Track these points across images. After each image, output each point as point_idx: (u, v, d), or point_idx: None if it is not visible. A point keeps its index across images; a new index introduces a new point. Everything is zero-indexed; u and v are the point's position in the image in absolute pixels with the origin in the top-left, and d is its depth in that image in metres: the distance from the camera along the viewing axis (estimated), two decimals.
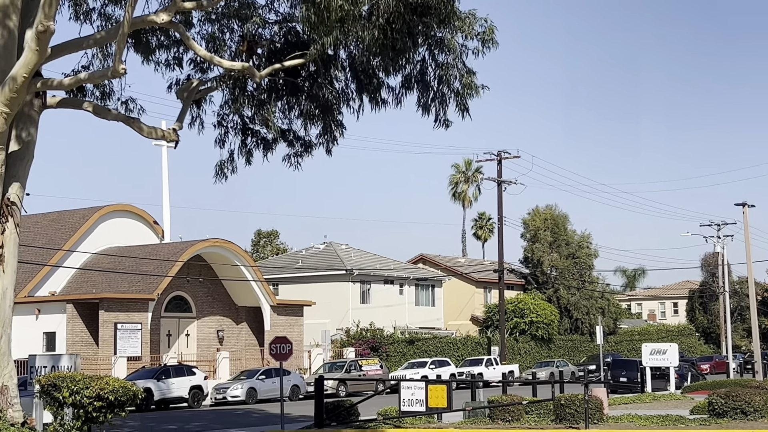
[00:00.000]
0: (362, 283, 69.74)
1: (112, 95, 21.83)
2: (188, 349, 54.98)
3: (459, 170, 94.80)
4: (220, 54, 21.24)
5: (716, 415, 27.18)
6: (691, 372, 52.48)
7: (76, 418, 17.47)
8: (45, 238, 53.91)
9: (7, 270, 17.58)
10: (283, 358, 29.91)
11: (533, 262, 79.56)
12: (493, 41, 19.92)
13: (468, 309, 79.66)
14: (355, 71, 21.11)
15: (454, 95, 20.55)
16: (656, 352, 44.23)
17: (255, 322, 58.03)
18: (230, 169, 22.63)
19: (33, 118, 18.46)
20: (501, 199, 64.87)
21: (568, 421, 26.56)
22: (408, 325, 70.90)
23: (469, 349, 68.43)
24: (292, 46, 21.02)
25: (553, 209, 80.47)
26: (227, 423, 33.60)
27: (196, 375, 45.47)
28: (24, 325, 47.58)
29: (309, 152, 23.01)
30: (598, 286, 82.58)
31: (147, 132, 19.93)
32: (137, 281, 51.28)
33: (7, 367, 17.39)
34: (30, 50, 16.44)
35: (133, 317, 50.11)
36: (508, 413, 27.98)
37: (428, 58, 20.51)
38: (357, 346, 62.32)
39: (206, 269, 55.72)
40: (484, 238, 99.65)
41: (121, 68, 17.03)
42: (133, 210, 57.85)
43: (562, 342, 76.49)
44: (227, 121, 22.79)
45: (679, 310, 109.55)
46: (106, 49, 21.12)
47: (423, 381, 29.64)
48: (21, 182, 18.12)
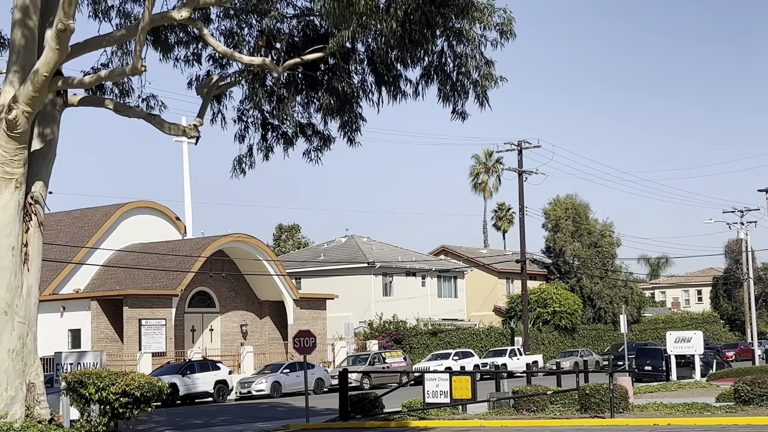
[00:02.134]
0: (384, 276, 69.76)
1: (132, 92, 21.92)
2: (212, 344, 55.19)
3: (479, 161, 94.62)
4: (238, 49, 21.27)
5: (742, 403, 27.03)
6: (716, 359, 52.25)
7: (103, 414, 17.61)
8: (68, 235, 54.21)
9: (31, 268, 17.69)
10: (306, 351, 29.99)
11: (555, 252, 79.34)
12: (512, 32, 19.84)
13: (490, 300, 79.56)
14: (374, 64, 21.08)
15: (472, 86, 20.49)
16: (681, 340, 44.07)
17: (278, 316, 58.17)
18: (248, 164, 22.66)
19: (54, 117, 18.56)
20: (522, 189, 64.71)
21: (593, 411, 26.49)
22: (431, 316, 70.89)
23: (492, 339, 68.33)
24: (310, 40, 21.00)
25: (574, 198, 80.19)
26: (253, 417, 33.72)
27: (221, 370, 45.64)
28: (49, 323, 47.93)
29: (328, 146, 23.00)
30: (621, 274, 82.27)
31: (168, 129, 19.99)
32: (160, 277, 51.50)
33: (34, 364, 17.51)
34: (50, 49, 16.51)
35: (157, 313, 50.33)
36: (532, 403, 27.94)
37: (446, 49, 20.44)
38: (380, 339, 62.37)
39: (229, 264, 55.89)
40: (504, 228, 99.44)
41: (141, 65, 17.09)
42: (155, 206, 58.06)
43: (586, 331, 76.26)
44: (247, 116, 22.82)
45: (703, 297, 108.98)
46: (125, 46, 21.20)
47: (447, 372, 29.68)
48: (44, 181, 18.23)
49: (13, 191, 17.39)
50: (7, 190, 17.34)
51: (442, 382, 27.96)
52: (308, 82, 21.78)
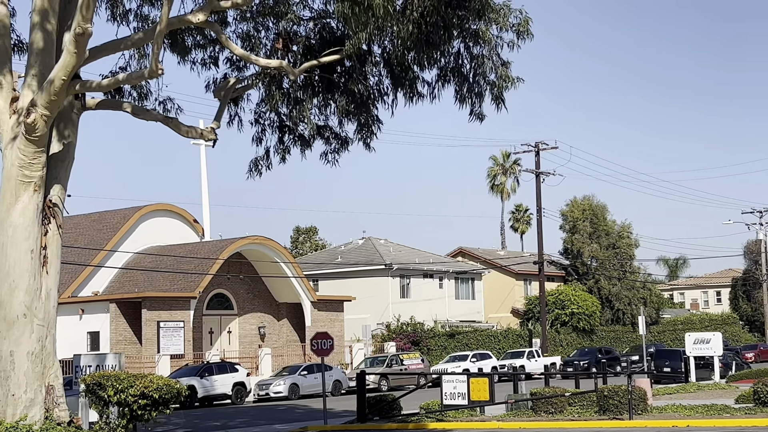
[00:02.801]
0: (402, 278, 69.73)
1: (149, 96, 22.01)
2: (230, 346, 55.31)
3: (497, 162, 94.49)
4: (255, 52, 21.32)
5: (762, 404, 26.89)
6: (735, 361, 51.96)
7: (122, 417, 17.67)
8: (87, 238, 54.44)
9: (50, 271, 17.78)
10: (324, 353, 30.02)
11: (573, 253, 79.12)
12: (528, 32, 19.81)
13: (508, 301, 79.42)
14: (390, 66, 21.10)
15: (489, 88, 20.47)
16: (700, 341, 43.84)
17: (296, 318, 58.25)
18: (264, 166, 22.72)
19: (73, 120, 18.64)
20: (539, 190, 64.60)
21: (612, 412, 26.42)
22: (448, 318, 70.81)
23: (510, 341, 68.20)
24: (327, 43, 21.04)
25: (591, 199, 79.96)
26: (271, 419, 33.77)
27: (239, 372, 45.73)
28: (68, 325, 48.15)
29: (345, 148, 23.02)
30: (640, 276, 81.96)
31: (185, 131, 20.05)
32: (179, 280, 51.65)
33: (53, 367, 17.60)
34: (68, 53, 16.59)
35: (176, 315, 50.48)
36: (551, 405, 27.88)
37: (463, 51, 20.43)
38: (398, 341, 62.36)
39: (246, 266, 56.01)
40: (522, 230, 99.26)
41: (159, 68, 17.14)
42: (173, 209, 58.25)
43: (604, 333, 76.02)
44: (264, 118, 22.87)
45: (722, 298, 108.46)
46: (143, 49, 21.29)
47: (465, 374, 29.68)
48: (62, 184, 18.31)
49: (31, 194, 17.48)
50: (26, 194, 17.43)
51: (460, 384, 27.96)
52: (325, 85, 21.83)
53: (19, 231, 17.37)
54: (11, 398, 17.01)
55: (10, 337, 17.19)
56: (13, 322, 17.20)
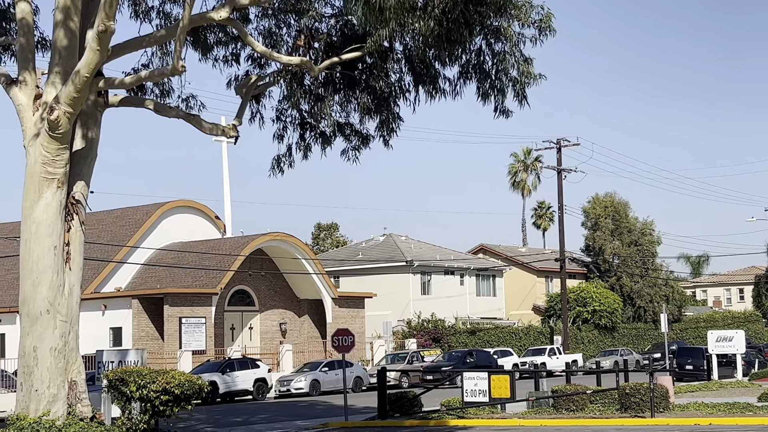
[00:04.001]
0: (423, 275, 69.72)
1: (172, 93, 22.10)
2: (252, 342, 55.48)
3: (518, 159, 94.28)
4: (277, 49, 21.37)
5: None
6: (758, 359, 51.65)
7: (144, 412, 17.75)
8: (110, 234, 54.72)
9: (73, 267, 17.89)
10: (345, 350, 30.06)
11: (595, 251, 78.87)
12: (551, 28, 19.74)
13: (529, 298, 79.26)
14: (412, 63, 21.09)
15: (511, 84, 20.41)
16: (722, 339, 43.61)
17: (317, 314, 58.35)
18: (287, 164, 22.78)
19: (95, 117, 18.75)
20: (561, 187, 64.42)
21: (634, 410, 26.32)
22: (469, 315, 70.73)
23: (531, 338, 68.06)
24: (348, 40, 21.06)
25: (613, 196, 79.68)
26: (292, 415, 33.86)
27: (260, 368, 45.85)
28: (91, 321, 48.39)
29: (366, 145, 23.03)
30: (662, 273, 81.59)
31: (207, 128, 20.12)
32: (200, 276, 51.85)
33: (76, 362, 17.71)
34: (91, 50, 16.68)
35: (198, 311, 50.67)
36: (572, 403, 27.81)
37: (484, 47, 20.38)
38: (418, 338, 62.36)
39: (268, 263, 56.14)
40: (544, 227, 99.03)
41: (181, 66, 17.21)
42: (195, 205, 58.46)
43: (626, 330, 75.73)
44: (285, 115, 22.92)
45: (745, 296, 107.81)
46: (165, 47, 21.37)
47: (485, 371, 29.58)
48: (85, 180, 18.42)
49: (55, 191, 17.59)
50: (49, 190, 17.55)
51: (481, 381, 27.90)
52: (346, 82, 21.84)
53: (43, 227, 17.49)
54: (34, 393, 17.14)
55: (34, 333, 17.32)
56: (37, 318, 17.32)
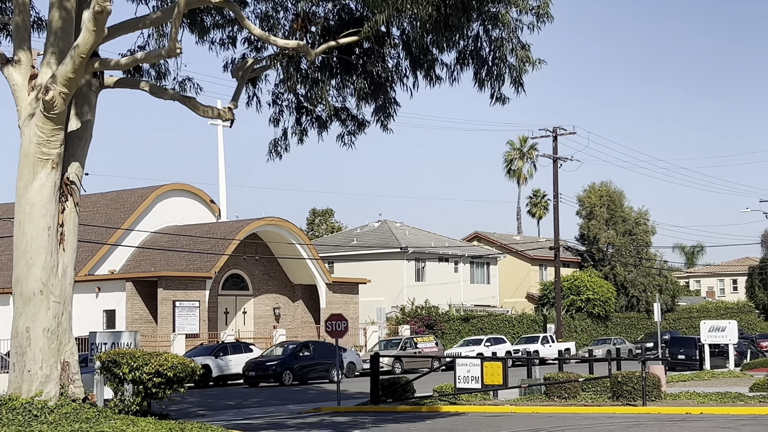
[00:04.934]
0: (417, 261, 69.75)
1: (167, 75, 22.00)
2: (245, 327, 55.51)
3: (514, 147, 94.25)
4: (274, 32, 21.26)
5: None
6: (750, 349, 51.79)
7: (136, 394, 17.73)
8: (104, 217, 54.66)
9: (67, 248, 17.85)
10: (338, 335, 30.10)
11: (589, 239, 78.97)
12: (548, 15, 19.68)
13: (523, 286, 79.36)
14: (409, 48, 21.02)
15: (509, 71, 20.36)
16: (715, 329, 43.71)
17: (310, 299, 58.38)
18: (283, 148, 22.72)
19: (90, 98, 18.68)
20: (556, 175, 64.45)
21: (626, 398, 26.39)
22: (463, 302, 70.82)
23: (524, 326, 68.19)
24: (345, 24, 20.98)
25: (608, 185, 79.73)
26: (284, 399, 33.90)
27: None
28: (84, 303, 48.38)
29: (362, 130, 22.98)
30: (656, 263, 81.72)
31: (203, 111, 20.05)
32: (195, 259, 51.83)
33: (69, 343, 17.69)
34: (87, 31, 16.61)
35: (191, 295, 50.67)
36: (564, 390, 27.88)
37: (482, 33, 20.31)
38: (412, 324, 62.43)
39: (262, 247, 56.13)
40: (539, 215, 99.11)
41: (177, 48, 17.14)
42: (190, 189, 58.41)
43: (619, 319, 75.91)
44: (282, 99, 22.83)
45: (738, 287, 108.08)
46: (161, 29, 21.27)
47: (478, 358, 29.64)
48: (80, 162, 18.36)
49: (49, 172, 17.54)
50: (44, 171, 17.50)
51: (474, 368, 27.97)
52: (343, 66, 21.77)
53: (37, 208, 17.45)
54: (27, 374, 17.12)
55: (27, 314, 17.29)
56: (30, 299, 17.30)
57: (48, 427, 15.85)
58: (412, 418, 24.94)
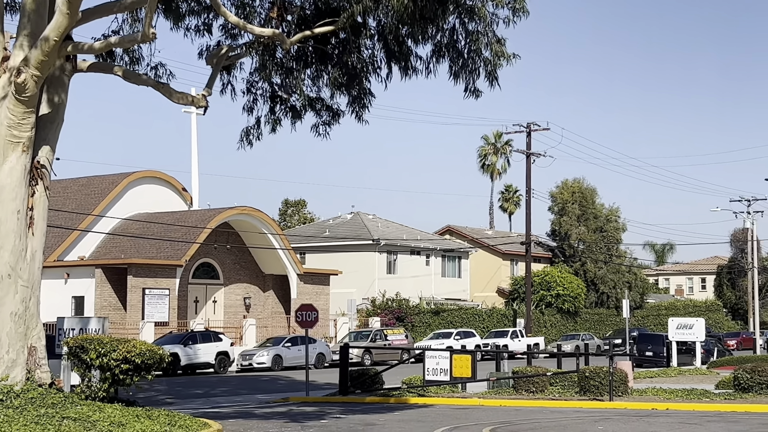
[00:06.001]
0: (389, 254, 69.81)
1: (141, 60, 21.86)
2: (215, 316, 55.36)
3: (488, 142, 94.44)
4: (249, 20, 21.16)
5: (741, 390, 27.09)
6: (717, 347, 52.25)
7: (103, 381, 17.64)
8: (74, 203, 54.29)
9: (36, 233, 17.73)
10: (308, 325, 30.09)
11: (560, 235, 79.36)
12: (524, 10, 19.72)
13: (494, 281, 79.64)
14: (385, 39, 21.00)
15: (483, 64, 20.41)
16: (683, 326, 44.05)
17: (282, 290, 58.31)
18: (255, 136, 22.64)
19: (63, 82, 18.55)
20: (529, 171, 64.65)
21: (593, 393, 26.55)
22: (434, 296, 70.98)
23: (494, 321, 68.44)
24: (321, 14, 20.92)
25: (581, 182, 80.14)
26: (253, 389, 33.85)
27: (223, 341, 45.79)
28: (53, 289, 48.06)
29: (337, 121, 22.96)
30: (626, 260, 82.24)
31: (176, 97, 19.95)
32: (165, 247, 51.61)
33: (36, 328, 17.59)
34: (61, 14, 16.49)
35: (161, 283, 50.46)
36: (532, 384, 28.02)
37: (458, 26, 20.35)
38: (383, 316, 62.50)
39: (234, 237, 55.98)
40: (510, 210, 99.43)
41: (151, 33, 17.05)
42: (162, 176, 58.11)
43: (588, 315, 76.36)
44: (256, 88, 22.76)
45: (707, 285, 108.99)
46: (136, 13, 21.12)
47: (447, 351, 29.71)
48: (51, 146, 18.23)
49: (20, 155, 17.41)
50: (14, 154, 17.37)
51: (443, 360, 28.05)
52: (318, 56, 21.73)
53: (6, 191, 17.31)
54: None
55: None
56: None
57: (14, 411, 15.74)
58: (380, 409, 24.97)
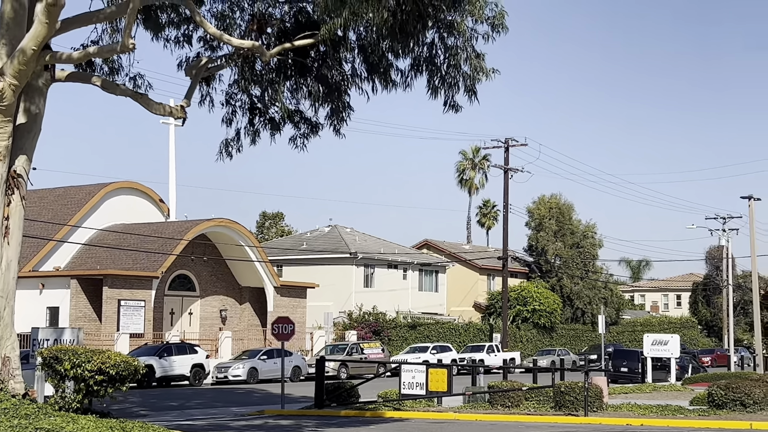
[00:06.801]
0: (366, 267, 69.78)
1: (120, 71, 21.82)
2: (191, 328, 55.12)
3: (466, 157, 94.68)
4: (229, 32, 21.18)
5: (716, 407, 27.25)
6: (692, 364, 52.52)
7: (77, 392, 17.51)
8: (51, 213, 53.99)
9: (11, 242, 17.62)
10: (285, 338, 30.03)
11: (537, 251, 79.57)
12: (503, 26, 19.83)
13: (471, 295, 79.72)
14: (365, 53, 21.07)
15: (462, 79, 20.49)
16: (658, 342, 44.25)
17: (258, 302, 58.14)
18: (235, 149, 22.63)
19: (41, 91, 18.47)
20: (507, 186, 64.83)
21: (568, 408, 26.62)
22: (411, 310, 70.96)
23: (471, 335, 68.49)
24: (302, 27, 20.97)
25: (558, 198, 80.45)
26: (228, 401, 33.72)
27: (198, 353, 45.60)
28: (28, 300, 47.74)
29: (316, 133, 22.98)
30: (602, 276, 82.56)
31: (155, 108, 19.91)
32: (142, 259, 51.37)
33: (10, 338, 17.46)
34: (40, 23, 16.44)
35: (137, 294, 50.22)
36: (507, 399, 28.06)
37: (437, 41, 20.44)
38: (359, 330, 62.43)
39: (211, 248, 55.80)
40: (488, 225, 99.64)
41: (130, 43, 17.03)
42: (139, 187, 57.89)
43: (564, 331, 76.55)
44: (235, 99, 22.76)
45: (682, 302, 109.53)
46: (115, 23, 21.09)
47: (424, 365, 29.72)
48: (28, 155, 18.14)
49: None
50: None
51: (419, 374, 28.06)
52: (298, 69, 21.77)
53: None
54: None
55: None
56: None
57: None
58: (356, 423, 24.94)
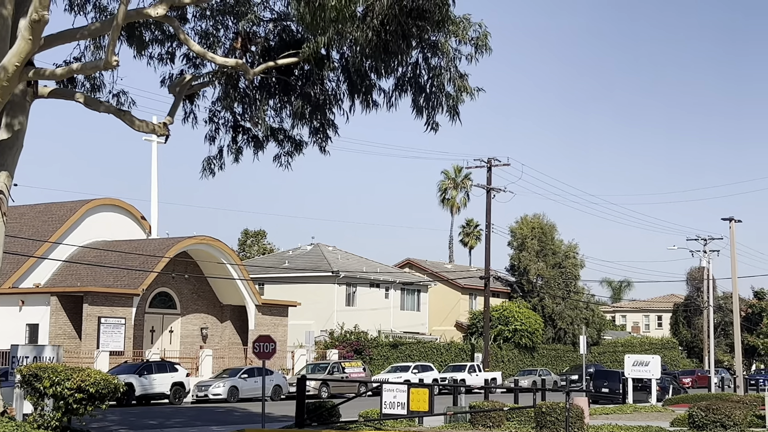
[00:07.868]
0: (348, 286, 69.68)
1: (103, 87, 21.83)
2: (171, 346, 54.84)
3: (448, 176, 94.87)
4: (213, 50, 21.22)
5: (696, 428, 27.28)
6: (672, 385, 52.59)
7: (56, 410, 17.42)
8: (31, 229, 53.72)
9: None
10: (266, 356, 29.88)
11: (519, 271, 79.67)
12: (487, 47, 19.93)
13: (453, 315, 79.69)
14: (348, 72, 21.11)
15: (446, 99, 20.54)
16: (639, 363, 44.32)
17: (239, 321, 57.93)
18: (218, 166, 22.64)
19: (23, 107, 18.44)
20: (489, 206, 64.90)
21: (549, 429, 26.58)
22: (392, 329, 70.84)
23: (452, 355, 68.43)
24: (286, 45, 21.02)
25: (540, 218, 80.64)
26: (208, 420, 33.53)
27: (179, 372, 45.34)
28: (7, 317, 47.47)
29: (299, 151, 23.01)
30: (584, 296, 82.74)
31: (138, 125, 19.90)
32: (122, 276, 51.14)
33: None
34: (23, 39, 16.42)
35: (117, 312, 49.96)
36: (489, 419, 28.02)
37: (421, 61, 20.51)
38: (340, 349, 62.27)
39: (192, 266, 55.61)
40: (471, 245, 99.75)
41: (114, 60, 17.02)
42: (120, 204, 57.71)
43: (546, 351, 76.58)
44: (218, 117, 22.79)
45: (663, 323, 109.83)
46: (99, 41, 21.10)
47: (405, 384, 29.63)
48: (9, 171, 18.09)
49: None
50: None
51: (400, 394, 27.92)
52: (281, 87, 21.80)
53: None
54: None
55: None
56: None
57: None
58: None
